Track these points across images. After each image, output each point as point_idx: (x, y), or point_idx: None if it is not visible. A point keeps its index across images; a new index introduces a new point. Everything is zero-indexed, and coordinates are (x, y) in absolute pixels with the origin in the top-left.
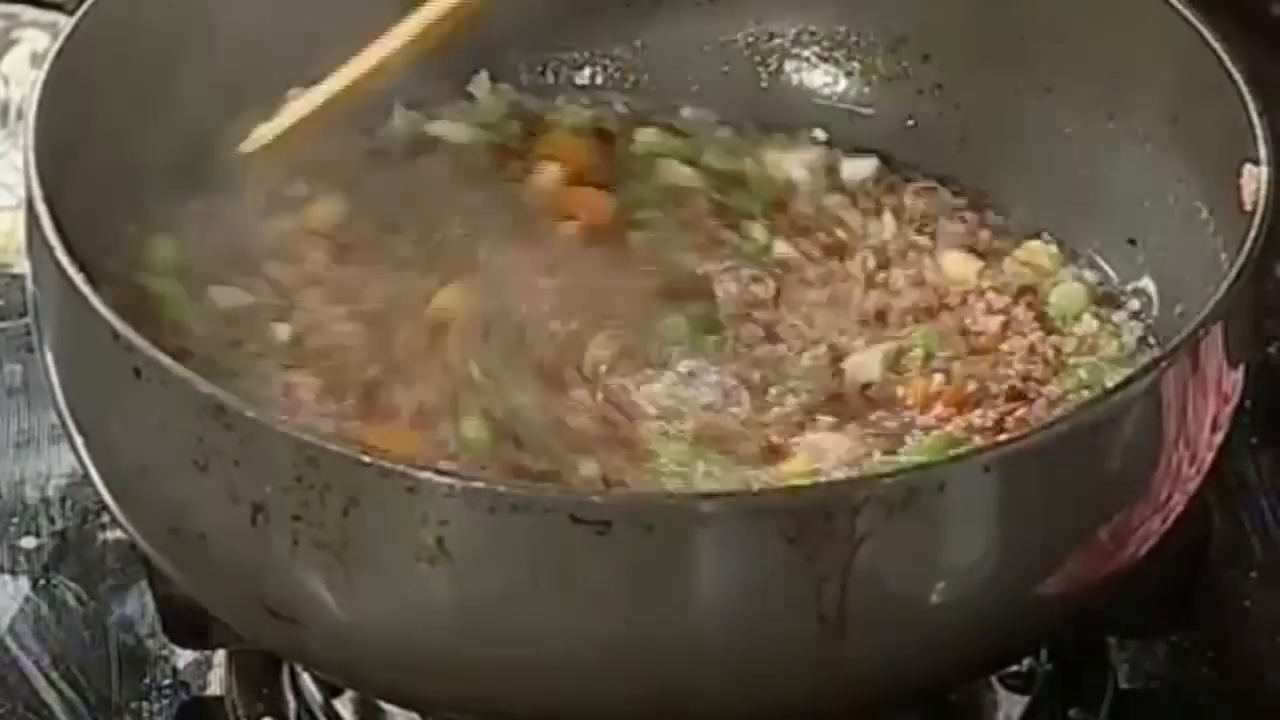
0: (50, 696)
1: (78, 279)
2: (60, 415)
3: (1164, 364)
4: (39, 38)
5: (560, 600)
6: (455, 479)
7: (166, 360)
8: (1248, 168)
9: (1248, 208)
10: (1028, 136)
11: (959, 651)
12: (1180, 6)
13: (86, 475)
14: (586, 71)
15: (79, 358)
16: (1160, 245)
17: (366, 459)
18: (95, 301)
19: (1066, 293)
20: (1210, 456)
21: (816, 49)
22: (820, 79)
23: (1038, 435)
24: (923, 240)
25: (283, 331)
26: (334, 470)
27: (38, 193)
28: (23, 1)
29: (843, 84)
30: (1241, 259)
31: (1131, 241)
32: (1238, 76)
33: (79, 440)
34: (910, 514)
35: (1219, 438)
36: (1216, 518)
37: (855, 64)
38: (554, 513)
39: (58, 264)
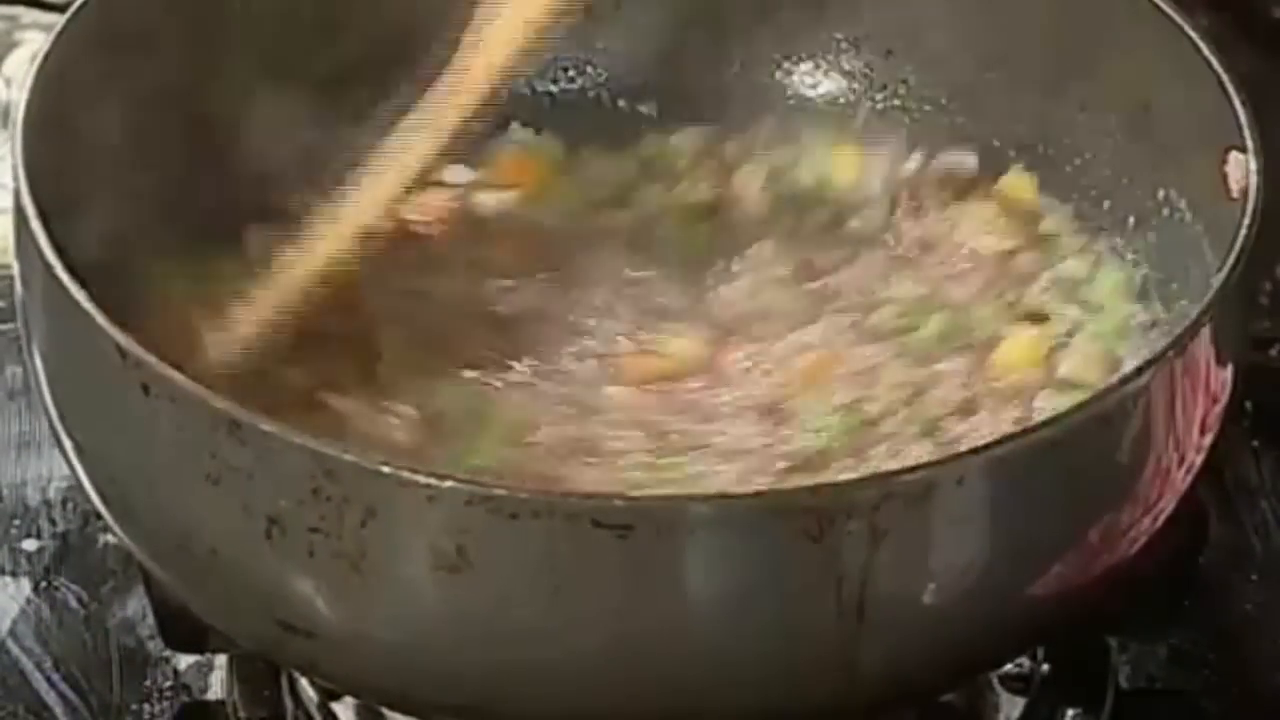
0: (51, 699)
1: (79, 295)
2: (52, 423)
3: (1165, 358)
4: (40, 40)
5: (582, 604)
6: (475, 486)
7: (178, 376)
8: (1233, 155)
9: (1235, 196)
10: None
11: (969, 647)
12: None
13: (79, 483)
14: (547, 76)
15: (77, 369)
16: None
17: (385, 469)
18: (100, 319)
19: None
20: (1201, 458)
21: (783, 49)
22: (783, 78)
23: (1052, 428)
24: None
25: None
26: (352, 481)
27: (30, 207)
28: (23, 4)
29: (807, 83)
30: (1231, 259)
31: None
32: (1216, 64)
33: (71, 448)
34: (929, 509)
35: (1208, 439)
36: (1213, 518)
37: (819, 62)
38: (575, 518)
39: (55, 278)
